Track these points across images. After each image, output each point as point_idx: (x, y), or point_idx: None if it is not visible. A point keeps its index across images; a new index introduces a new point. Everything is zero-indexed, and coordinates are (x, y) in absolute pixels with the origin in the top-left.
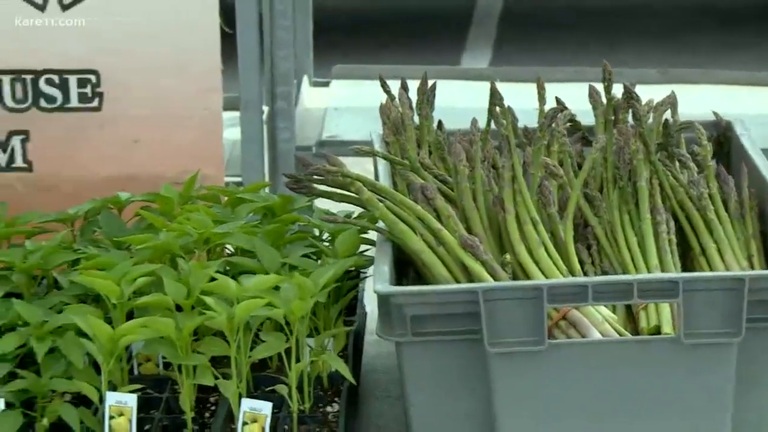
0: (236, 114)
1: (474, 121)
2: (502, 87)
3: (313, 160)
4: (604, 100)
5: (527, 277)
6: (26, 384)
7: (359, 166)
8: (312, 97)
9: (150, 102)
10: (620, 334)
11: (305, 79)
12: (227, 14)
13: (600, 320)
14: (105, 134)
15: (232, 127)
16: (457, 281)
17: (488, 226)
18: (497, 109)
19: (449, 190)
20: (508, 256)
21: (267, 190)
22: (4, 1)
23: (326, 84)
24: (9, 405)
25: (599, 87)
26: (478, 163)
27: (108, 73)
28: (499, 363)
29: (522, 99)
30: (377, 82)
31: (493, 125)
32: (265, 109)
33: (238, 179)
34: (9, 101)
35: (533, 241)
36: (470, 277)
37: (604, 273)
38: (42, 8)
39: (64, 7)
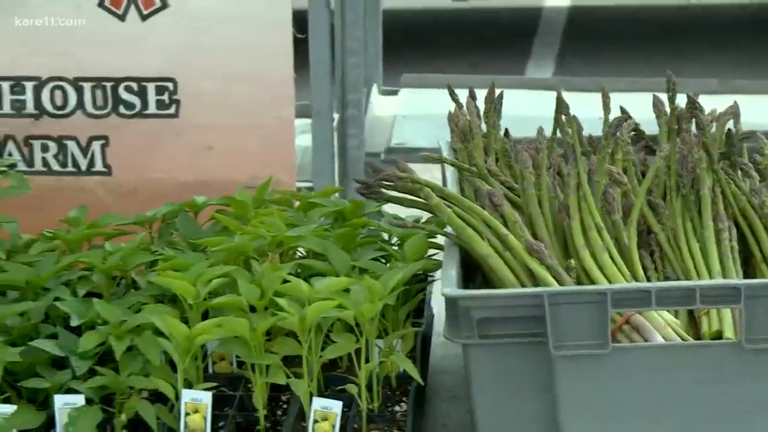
0: (308, 121)
1: (540, 130)
2: (566, 96)
3: (383, 167)
4: (668, 110)
5: (591, 282)
6: (105, 381)
7: (427, 173)
8: (381, 105)
9: (224, 110)
10: (682, 339)
11: (375, 88)
12: (300, 25)
13: (663, 325)
14: (181, 140)
15: (304, 134)
16: (523, 285)
17: (553, 231)
18: (563, 117)
19: (515, 197)
20: (572, 262)
21: (337, 195)
22: (85, 12)
23: (395, 93)
24: (89, 401)
25: (663, 97)
26: (544, 171)
27: (184, 81)
28: (564, 365)
29: (586, 108)
30: (444, 91)
31: (558, 134)
32: (336, 116)
33: (309, 184)
34: (90, 108)
35: (597, 247)
36: (536, 281)
37: (667, 279)
38: (122, 18)
39: (143, 18)
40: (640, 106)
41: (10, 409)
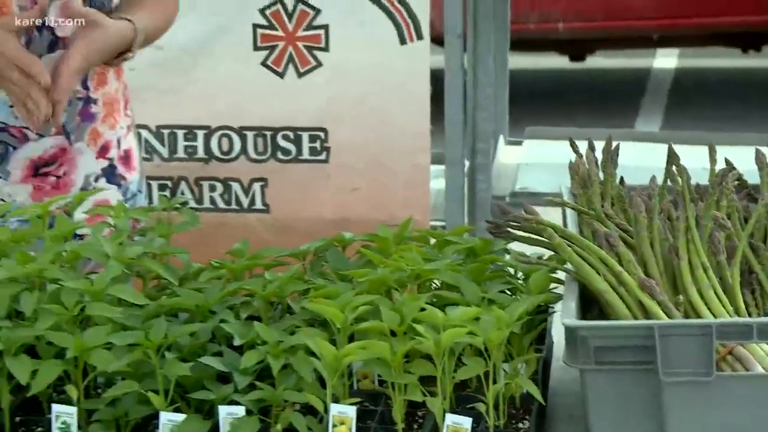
0: (441, 167)
1: (653, 178)
2: (674, 148)
3: (510, 209)
4: None
5: (698, 316)
6: (263, 394)
7: (547, 215)
8: (507, 154)
9: (368, 156)
10: None
11: (501, 138)
12: (436, 82)
13: (763, 356)
14: (330, 183)
15: (438, 179)
16: (636, 318)
17: (664, 270)
18: (674, 167)
19: (629, 238)
20: (681, 297)
21: (468, 233)
22: (251, 70)
23: (519, 143)
24: (249, 412)
25: (764, 150)
26: (656, 215)
27: (334, 131)
28: (672, 391)
29: (692, 159)
30: (563, 142)
31: (668, 182)
32: (467, 163)
33: (442, 223)
34: (252, 153)
35: (704, 284)
36: (647, 314)
37: (767, 315)
38: (281, 75)
39: (300, 75)
40: (742, 159)
41: (180, 417)
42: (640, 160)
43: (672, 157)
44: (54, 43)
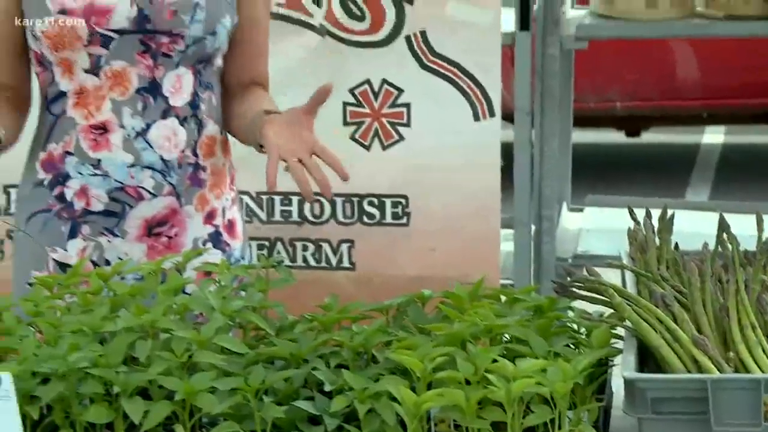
0: (510, 231)
1: (705, 245)
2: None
3: (573, 270)
4: None
5: (747, 371)
6: None
7: (606, 276)
8: (569, 220)
9: (445, 219)
10: None
11: (564, 205)
12: (506, 154)
13: None
14: (410, 243)
15: (507, 241)
16: (689, 371)
17: (715, 328)
18: (724, 235)
19: (683, 299)
20: (731, 353)
21: (535, 292)
22: (340, 144)
23: (581, 210)
24: None
25: None
26: (708, 278)
27: (414, 197)
28: None
29: (739, 227)
30: (620, 210)
31: (719, 248)
32: (533, 227)
33: (511, 282)
34: (340, 217)
35: (752, 342)
36: (700, 368)
37: None
38: (368, 148)
39: (384, 147)
40: None
41: None
42: (693, 227)
43: (723, 226)
44: (167, 111)
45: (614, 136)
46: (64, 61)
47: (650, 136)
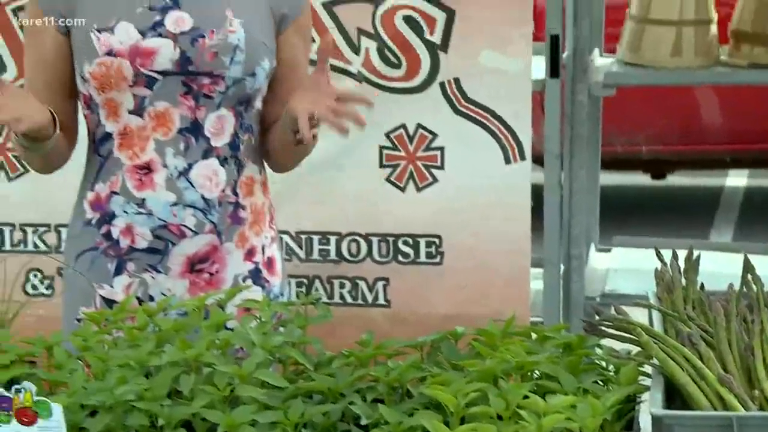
0: (540, 270)
1: (731, 285)
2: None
3: (602, 309)
4: None
5: None
6: None
7: (633, 315)
8: (597, 260)
9: (477, 258)
10: None
11: (592, 245)
12: (536, 196)
13: None
14: (443, 282)
15: (536, 280)
16: (715, 408)
17: (740, 366)
18: (749, 276)
19: (709, 338)
20: (756, 391)
21: (564, 330)
22: (376, 184)
23: (608, 250)
24: None
25: None
26: (733, 318)
27: (447, 237)
28: None
29: (763, 268)
30: (647, 250)
31: (744, 288)
32: (562, 267)
33: (540, 320)
34: (376, 256)
35: None
36: (725, 405)
37: None
38: (403, 190)
39: (418, 189)
40: None
41: None
42: (717, 268)
43: (747, 267)
44: (209, 151)
45: (640, 179)
46: (109, 102)
47: (675, 179)
